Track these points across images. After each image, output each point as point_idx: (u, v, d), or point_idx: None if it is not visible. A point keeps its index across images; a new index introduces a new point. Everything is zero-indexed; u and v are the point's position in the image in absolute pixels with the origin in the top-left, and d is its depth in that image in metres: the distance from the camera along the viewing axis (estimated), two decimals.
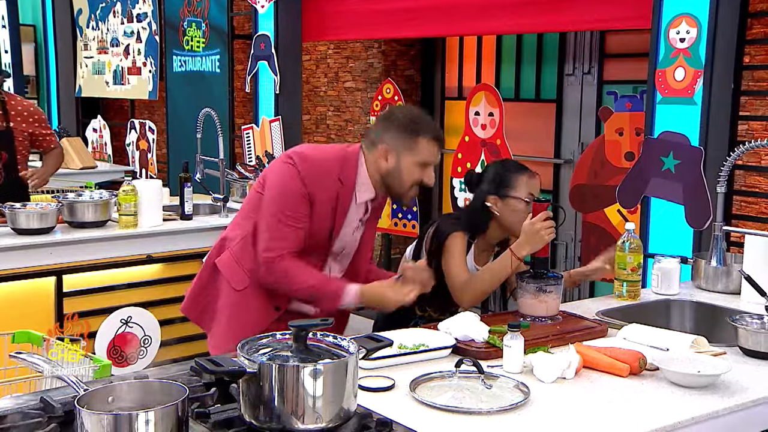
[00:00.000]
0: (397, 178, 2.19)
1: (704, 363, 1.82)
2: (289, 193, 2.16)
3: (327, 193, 2.17)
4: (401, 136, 2.17)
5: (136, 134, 6.10)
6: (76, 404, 1.31)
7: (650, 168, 3.08)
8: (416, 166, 2.18)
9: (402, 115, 2.21)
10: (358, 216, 2.26)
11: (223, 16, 5.28)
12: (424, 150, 2.17)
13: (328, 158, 2.21)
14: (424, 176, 2.20)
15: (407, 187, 2.20)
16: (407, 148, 2.17)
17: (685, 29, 2.95)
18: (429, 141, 2.18)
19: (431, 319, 2.49)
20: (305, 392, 1.38)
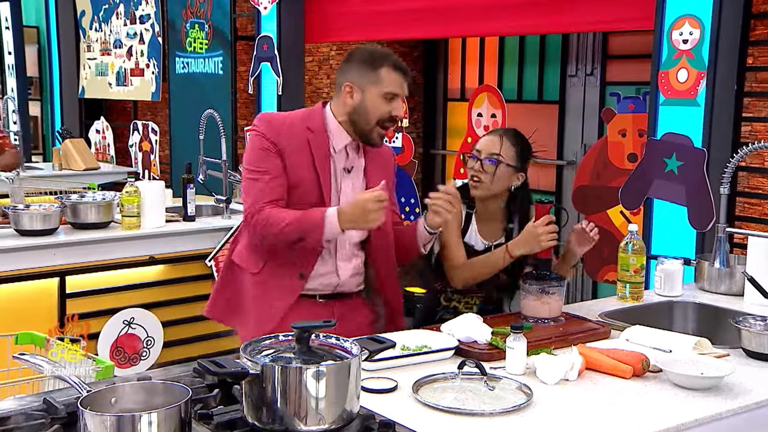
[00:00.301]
0: (363, 114, 2.16)
1: (707, 365, 1.82)
2: (253, 150, 2.17)
3: (295, 140, 2.16)
4: (362, 70, 2.16)
5: (139, 135, 6.11)
6: (79, 405, 1.31)
7: (653, 169, 3.07)
8: (381, 98, 2.15)
9: (360, 52, 2.21)
10: (341, 164, 2.22)
11: (225, 17, 5.29)
12: (387, 79, 2.15)
13: (290, 114, 2.26)
14: (392, 109, 2.16)
15: (373, 123, 2.16)
16: (370, 81, 2.15)
17: (688, 30, 2.95)
18: (391, 70, 2.16)
19: (457, 311, 2.48)
20: (308, 394, 1.38)
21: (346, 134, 2.21)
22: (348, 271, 2.25)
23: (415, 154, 4.73)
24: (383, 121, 2.16)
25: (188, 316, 3.70)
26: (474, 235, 2.46)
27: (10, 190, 3.93)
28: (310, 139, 2.18)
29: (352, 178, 2.25)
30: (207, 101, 5.19)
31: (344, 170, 2.23)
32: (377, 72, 2.16)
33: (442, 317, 2.47)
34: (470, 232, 2.46)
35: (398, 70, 2.17)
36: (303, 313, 2.14)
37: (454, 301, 2.50)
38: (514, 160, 2.41)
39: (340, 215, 2.07)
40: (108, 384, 1.50)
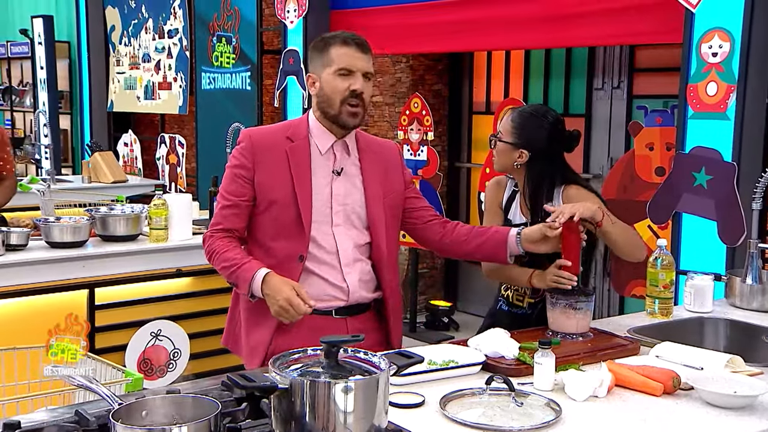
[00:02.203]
0: (326, 99, 2.10)
1: (741, 383, 1.79)
2: (228, 170, 2.17)
3: (273, 154, 2.12)
4: (316, 56, 2.13)
5: (166, 148, 6.18)
6: (110, 418, 1.32)
7: (681, 183, 3.04)
8: (335, 76, 2.08)
9: (314, 41, 2.17)
10: (329, 167, 2.15)
11: (252, 31, 5.35)
12: (336, 56, 2.08)
13: (276, 126, 2.24)
14: (349, 84, 2.07)
15: (337, 104, 2.08)
16: (323, 64, 2.10)
17: (718, 44, 2.92)
18: (339, 46, 2.09)
19: (509, 302, 2.50)
20: (336, 408, 1.38)
21: (329, 133, 2.15)
22: (355, 276, 2.16)
23: (440, 167, 4.74)
24: (345, 99, 2.08)
25: (214, 328, 3.71)
26: (515, 211, 2.48)
27: (41, 203, 3.99)
28: (288, 150, 2.13)
29: (344, 180, 2.16)
30: (233, 114, 5.24)
31: (334, 173, 2.15)
32: (328, 53, 2.10)
33: (501, 308, 2.54)
34: (512, 208, 2.48)
35: (348, 44, 2.10)
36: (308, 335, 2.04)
37: (509, 291, 2.52)
38: (510, 136, 2.39)
39: (265, 283, 2.01)
40: (138, 396, 1.51)
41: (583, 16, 3.67)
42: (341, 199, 2.15)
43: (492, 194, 2.53)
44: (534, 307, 2.47)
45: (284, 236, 2.12)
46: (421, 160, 4.72)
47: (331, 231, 2.14)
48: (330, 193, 2.14)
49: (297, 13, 4.87)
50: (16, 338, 2.52)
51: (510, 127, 2.40)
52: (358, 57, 2.10)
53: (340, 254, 2.14)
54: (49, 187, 4.28)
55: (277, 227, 2.12)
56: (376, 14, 4.64)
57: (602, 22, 3.60)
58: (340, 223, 2.15)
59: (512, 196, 2.49)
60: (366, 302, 2.21)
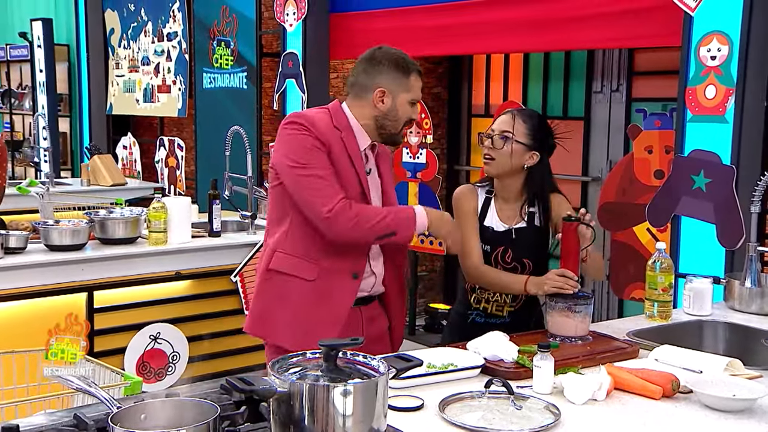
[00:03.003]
0: (393, 119, 2.23)
1: (740, 386, 1.79)
2: (303, 149, 2.14)
3: (333, 139, 2.19)
4: (394, 75, 2.22)
5: (165, 151, 6.18)
6: (109, 422, 1.32)
7: (680, 186, 3.04)
8: (409, 104, 2.24)
9: (391, 56, 2.24)
10: (364, 165, 2.27)
11: (251, 33, 5.35)
12: (415, 86, 2.25)
13: (319, 112, 2.26)
14: (413, 113, 2.26)
15: (401, 126, 2.25)
16: (402, 88, 2.23)
17: (716, 47, 2.93)
18: (417, 77, 2.26)
19: (487, 313, 2.48)
20: (335, 412, 1.38)
21: (366, 134, 2.25)
22: (379, 269, 2.29)
23: (439, 170, 4.74)
24: (406, 124, 2.27)
25: (214, 331, 3.72)
26: (493, 217, 2.45)
27: (40, 206, 3.99)
28: (343, 138, 2.21)
29: (372, 179, 2.30)
30: (232, 118, 5.24)
31: (367, 171, 2.28)
32: (408, 79, 2.24)
33: (474, 320, 2.49)
34: (490, 214, 2.45)
35: (420, 75, 2.28)
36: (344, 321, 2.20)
37: (483, 302, 2.49)
38: (525, 137, 2.40)
39: (429, 213, 2.19)
40: (137, 400, 1.51)
41: (581, 19, 3.67)
42: (375, 195, 2.28)
43: (468, 201, 2.47)
44: (513, 315, 2.47)
45: None
46: (420, 163, 4.72)
47: None
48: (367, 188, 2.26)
49: (296, 16, 4.88)
50: (15, 342, 2.51)
51: (525, 129, 2.41)
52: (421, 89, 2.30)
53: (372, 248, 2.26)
54: (48, 190, 4.28)
55: None
56: (376, 17, 4.64)
57: (601, 25, 3.61)
58: None
59: (486, 202, 2.46)
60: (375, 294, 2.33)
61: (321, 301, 2.22)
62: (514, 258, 2.42)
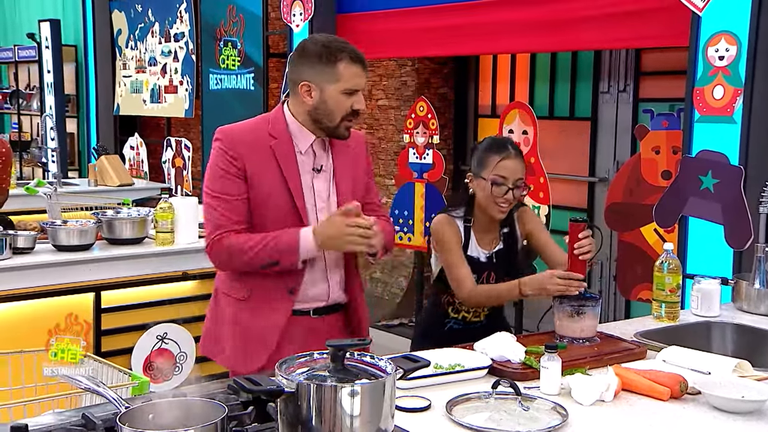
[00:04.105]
0: (326, 113, 2.08)
1: (748, 388, 1.78)
2: (213, 170, 2.11)
3: (259, 151, 2.09)
4: (318, 67, 2.05)
5: (172, 152, 6.19)
6: (117, 421, 1.32)
7: (688, 187, 3.03)
8: (342, 95, 2.06)
9: (314, 45, 2.08)
10: (310, 165, 2.14)
11: (258, 34, 5.36)
12: (346, 75, 2.05)
13: (252, 122, 2.20)
14: (353, 103, 2.07)
15: (338, 121, 2.08)
16: (328, 79, 2.05)
17: (724, 47, 2.91)
18: (348, 64, 2.05)
19: (465, 321, 2.51)
20: (343, 412, 1.38)
21: (309, 132, 2.13)
22: (337, 276, 2.19)
23: (445, 171, 4.73)
24: (346, 116, 2.09)
25: None
26: (475, 247, 2.47)
27: (48, 206, 4.00)
28: (273, 146, 2.10)
29: (323, 178, 2.17)
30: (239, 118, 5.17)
31: (314, 170, 2.15)
32: (335, 68, 2.05)
33: (452, 327, 2.51)
34: (471, 245, 2.46)
35: (355, 63, 2.07)
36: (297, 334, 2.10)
37: (463, 312, 2.51)
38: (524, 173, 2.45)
39: (316, 234, 2.02)
40: (144, 400, 1.51)
41: (588, 19, 3.66)
42: (324, 196, 2.16)
43: (453, 234, 2.44)
44: (489, 317, 2.52)
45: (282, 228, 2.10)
46: (427, 163, 4.71)
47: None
48: (313, 190, 2.14)
49: (303, 16, 4.88)
50: (23, 341, 2.52)
51: (522, 165, 2.42)
52: (362, 76, 2.10)
53: (326, 254, 2.15)
54: (56, 190, 4.29)
55: (277, 223, 2.09)
56: (382, 18, 4.64)
57: (608, 25, 3.60)
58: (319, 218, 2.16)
59: (466, 232, 2.46)
60: (339, 303, 2.23)
61: (255, 320, 2.15)
62: (497, 279, 2.47)
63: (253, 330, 2.16)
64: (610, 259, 4.32)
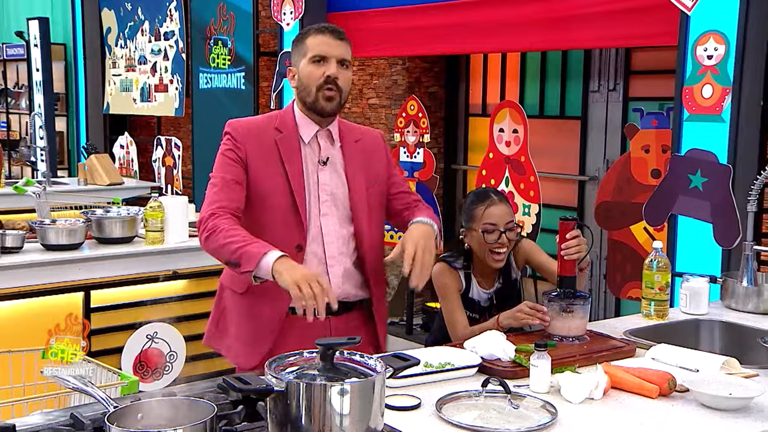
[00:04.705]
0: (303, 88, 2.11)
1: (736, 385, 1.79)
2: (219, 157, 2.15)
3: (263, 145, 2.11)
4: (294, 50, 2.15)
5: (163, 150, 6.17)
6: (105, 421, 1.32)
7: (677, 185, 3.05)
8: (310, 65, 2.09)
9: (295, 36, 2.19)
10: (315, 157, 2.15)
11: (248, 33, 5.34)
12: (311, 45, 2.10)
13: (261, 117, 2.23)
14: (324, 70, 2.08)
15: (313, 91, 2.09)
16: (300, 55, 2.13)
17: (713, 46, 2.93)
18: (314, 36, 2.11)
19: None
20: (332, 411, 1.38)
21: (311, 122, 2.15)
22: (339, 269, 2.14)
23: (436, 170, 4.74)
24: (320, 86, 2.09)
25: None
26: (476, 291, 2.55)
27: (37, 205, 3.98)
28: (277, 139, 2.13)
29: (329, 170, 2.16)
30: (230, 116, 5.20)
31: (320, 162, 2.15)
32: (304, 43, 2.12)
33: None
34: (472, 289, 2.54)
35: (322, 32, 2.11)
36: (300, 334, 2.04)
37: None
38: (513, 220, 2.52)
39: (277, 265, 1.89)
40: (133, 399, 1.51)
41: (579, 18, 3.68)
42: (328, 189, 2.15)
43: (453, 282, 2.52)
44: None
45: (282, 225, 2.10)
46: (418, 162, 4.72)
47: (318, 220, 2.14)
48: (317, 183, 2.14)
49: (293, 15, 4.87)
50: (12, 341, 2.51)
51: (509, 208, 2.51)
52: (332, 44, 2.11)
53: (326, 245, 2.13)
54: (45, 189, 4.27)
55: (275, 215, 2.10)
56: (373, 17, 4.64)
57: (598, 25, 3.61)
58: (328, 213, 2.15)
59: (467, 279, 2.53)
60: (350, 300, 2.18)
61: (252, 314, 2.14)
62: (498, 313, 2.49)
63: (252, 325, 2.16)
64: (600, 258, 4.34)
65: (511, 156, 4.09)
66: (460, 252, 2.54)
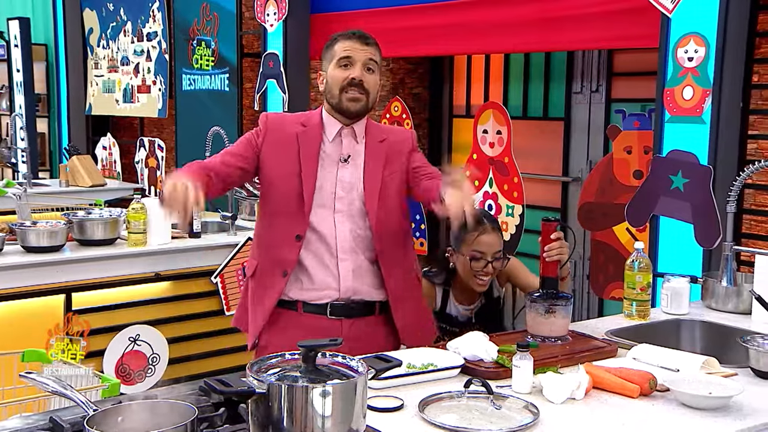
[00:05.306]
0: (329, 91, 2.20)
1: (715, 384, 1.81)
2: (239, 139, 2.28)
3: (284, 134, 2.20)
4: (324, 55, 2.24)
5: (146, 152, 6.13)
6: (85, 425, 1.31)
7: (659, 186, 3.07)
8: (336, 69, 2.18)
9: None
10: (337, 154, 2.19)
11: (232, 34, 5.32)
12: (338, 49, 2.18)
13: (295, 114, 2.32)
14: (349, 73, 2.15)
15: (337, 93, 2.16)
16: (328, 59, 2.21)
17: (693, 48, 2.95)
18: (342, 41, 2.19)
19: None
20: (314, 413, 1.38)
21: (335, 121, 2.21)
22: (349, 265, 2.14)
23: None
24: (344, 87, 2.16)
25: (194, 332, 3.69)
26: (453, 306, 2.58)
27: (17, 207, 3.94)
28: (299, 132, 2.20)
29: (351, 168, 2.20)
30: (213, 118, 5.21)
31: (341, 160, 2.19)
32: (333, 48, 2.21)
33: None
34: (449, 304, 2.58)
35: (348, 38, 2.19)
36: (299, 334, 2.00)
37: None
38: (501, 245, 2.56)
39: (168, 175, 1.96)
40: (114, 402, 1.50)
41: (562, 21, 3.69)
42: (347, 187, 2.18)
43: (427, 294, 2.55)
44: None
45: (285, 214, 2.16)
46: None
47: (332, 217, 2.16)
48: (335, 179, 2.18)
49: (277, 16, 4.86)
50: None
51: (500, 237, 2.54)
52: (358, 48, 2.18)
53: (338, 240, 2.15)
54: (26, 191, 4.23)
55: (280, 204, 2.18)
56: (356, 18, 4.64)
57: (581, 27, 3.63)
58: (343, 209, 2.17)
59: (444, 296, 2.57)
60: (362, 301, 2.17)
61: (256, 300, 2.22)
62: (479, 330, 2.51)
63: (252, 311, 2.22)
64: (583, 258, 4.36)
65: (494, 157, 4.10)
66: (443, 269, 2.56)
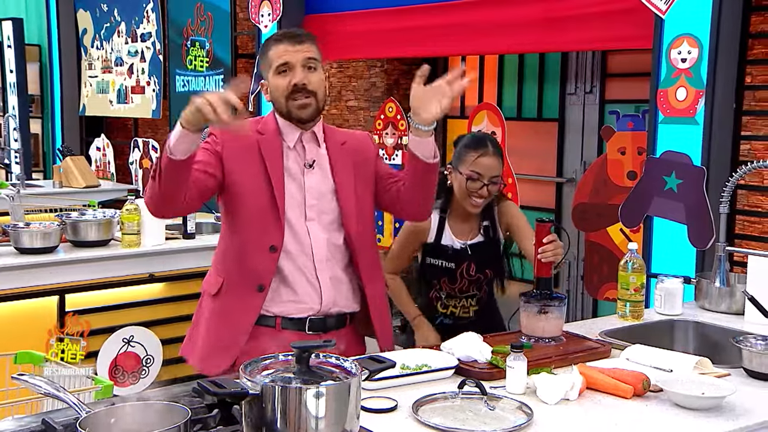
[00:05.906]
0: (276, 100, 2.11)
1: (708, 385, 1.81)
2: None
3: (243, 144, 2.06)
4: (261, 65, 2.15)
5: (140, 153, 6.12)
6: (78, 426, 1.30)
7: (652, 187, 3.08)
8: (276, 77, 2.08)
9: None
10: (301, 160, 2.11)
11: (226, 35, 5.32)
12: (274, 56, 2.08)
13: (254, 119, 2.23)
14: (290, 79, 2.05)
15: (283, 102, 2.08)
16: (266, 68, 2.11)
17: (687, 49, 2.96)
18: (274, 46, 2.09)
19: (455, 316, 2.59)
20: (308, 414, 1.38)
21: (293, 126, 2.11)
22: (327, 274, 2.08)
23: None
24: (289, 95, 2.07)
25: None
26: (449, 237, 2.54)
27: (10, 208, 3.93)
28: (259, 140, 2.10)
29: (317, 173, 2.12)
30: None
31: (306, 166, 2.11)
32: (267, 56, 2.10)
33: (442, 322, 2.59)
34: (444, 234, 2.53)
35: (280, 42, 2.08)
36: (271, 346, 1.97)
37: (451, 307, 2.58)
38: (500, 169, 2.51)
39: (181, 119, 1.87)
40: (107, 404, 1.49)
41: (556, 22, 3.70)
42: (315, 193, 2.10)
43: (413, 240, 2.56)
44: (479, 312, 2.61)
45: (256, 225, 2.05)
46: (396, 164, 4.72)
47: (304, 225, 2.08)
48: (303, 186, 2.09)
49: (271, 17, 4.86)
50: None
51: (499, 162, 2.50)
52: (292, 50, 2.06)
53: (314, 250, 2.07)
54: (19, 192, 4.21)
55: (250, 215, 2.06)
56: (351, 18, 4.64)
57: (575, 28, 3.64)
58: (314, 217, 2.09)
59: (440, 223, 2.54)
60: (338, 314, 2.12)
61: (223, 320, 2.08)
62: (477, 270, 2.54)
63: (222, 331, 2.09)
64: (577, 259, 4.36)
65: None
66: (441, 188, 2.50)
